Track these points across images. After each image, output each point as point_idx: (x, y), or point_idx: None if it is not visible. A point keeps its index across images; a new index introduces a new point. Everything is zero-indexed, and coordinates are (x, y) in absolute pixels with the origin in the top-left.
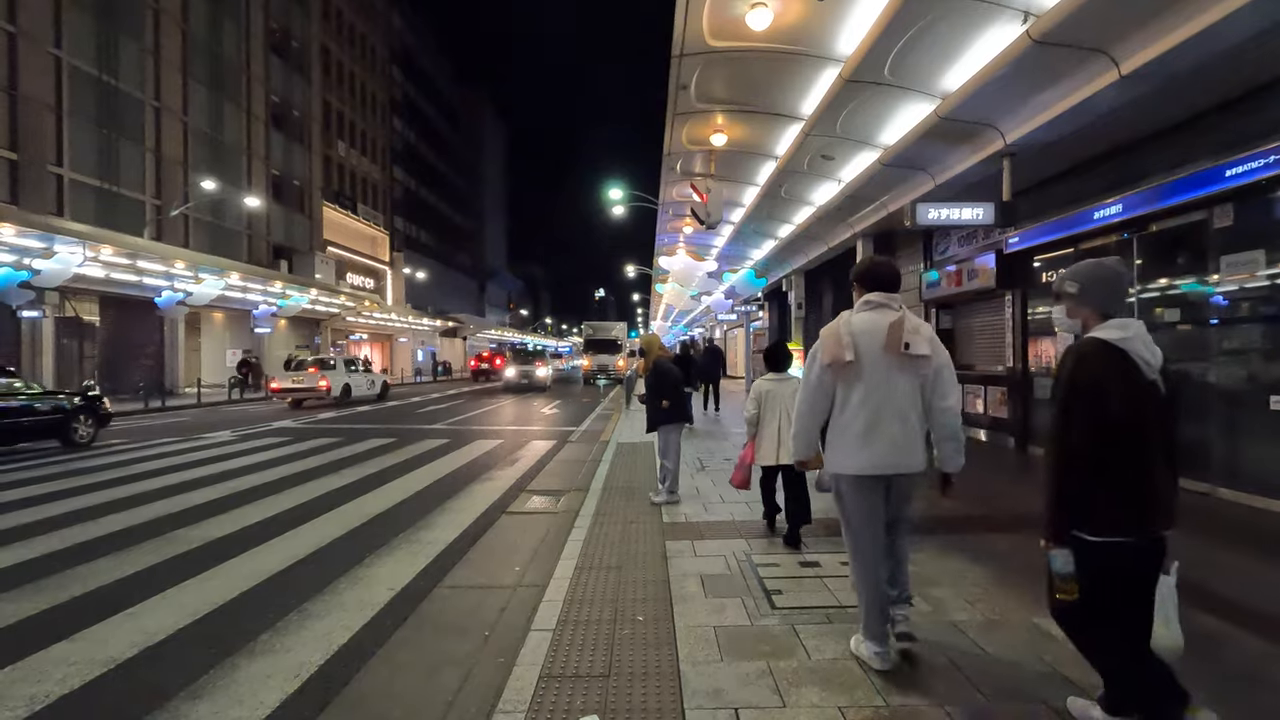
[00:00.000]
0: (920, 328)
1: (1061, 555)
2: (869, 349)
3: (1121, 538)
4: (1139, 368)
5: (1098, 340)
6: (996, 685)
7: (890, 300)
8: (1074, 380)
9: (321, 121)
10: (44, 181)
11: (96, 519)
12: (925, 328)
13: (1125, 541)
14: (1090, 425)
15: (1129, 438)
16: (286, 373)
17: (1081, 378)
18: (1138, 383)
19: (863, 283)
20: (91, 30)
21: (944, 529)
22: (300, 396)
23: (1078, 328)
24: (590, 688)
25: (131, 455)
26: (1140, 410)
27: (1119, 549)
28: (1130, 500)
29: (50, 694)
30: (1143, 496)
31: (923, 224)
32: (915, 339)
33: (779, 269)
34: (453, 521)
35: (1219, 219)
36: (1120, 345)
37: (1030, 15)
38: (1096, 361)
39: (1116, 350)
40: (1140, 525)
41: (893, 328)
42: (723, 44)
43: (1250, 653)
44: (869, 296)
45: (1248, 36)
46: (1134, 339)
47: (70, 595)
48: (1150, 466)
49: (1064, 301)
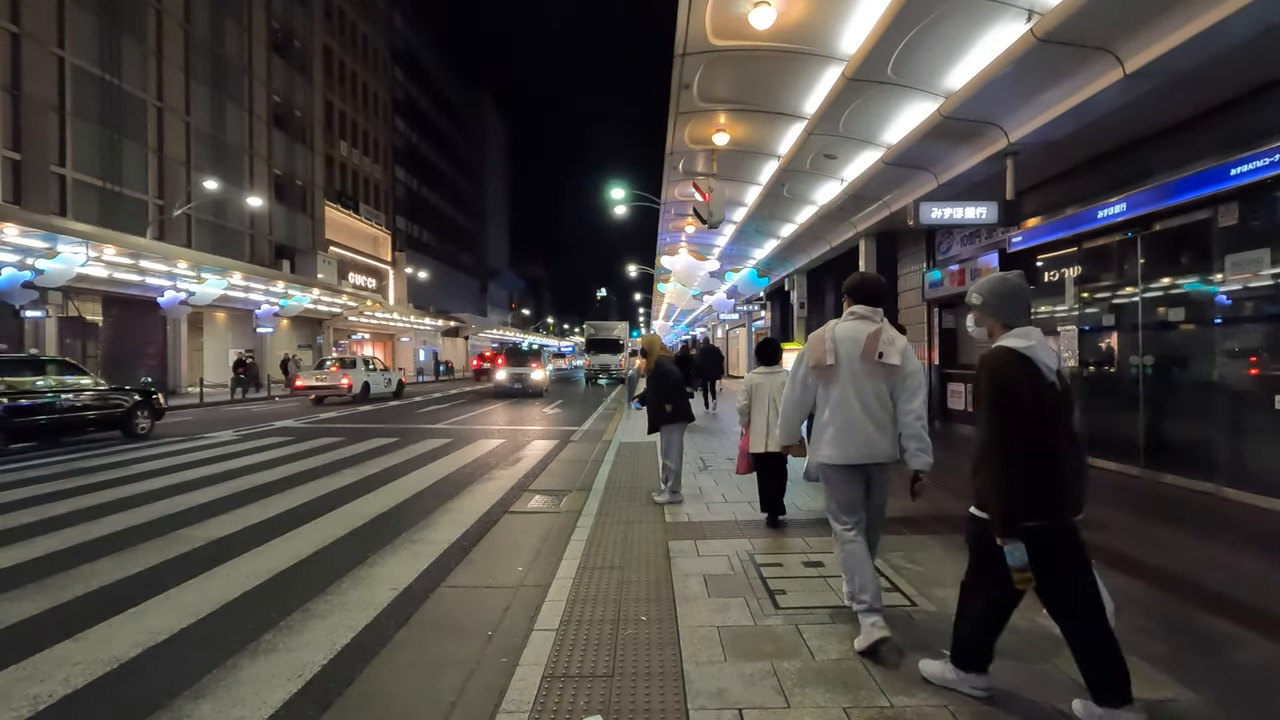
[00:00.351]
0: (895, 339)
1: (1018, 548)
2: (848, 355)
3: (1043, 523)
4: (1041, 372)
5: (1005, 349)
6: (1001, 685)
7: (873, 314)
8: (987, 386)
9: (323, 121)
10: (47, 181)
11: (99, 518)
12: (900, 339)
13: (1045, 526)
14: (1005, 424)
15: (1040, 434)
16: (311, 371)
17: (997, 383)
18: (1042, 385)
19: (852, 295)
20: (94, 30)
21: (947, 528)
22: (323, 393)
23: (984, 334)
24: (594, 688)
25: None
26: (1046, 409)
27: (1042, 532)
28: (1047, 490)
29: (54, 694)
30: (1056, 486)
31: (926, 223)
32: (889, 349)
33: (781, 268)
34: (455, 521)
35: (1223, 218)
36: (1025, 353)
37: (1034, 13)
38: (1007, 368)
39: (1022, 357)
40: (1057, 511)
41: (870, 338)
42: (725, 43)
43: (1260, 654)
44: (854, 308)
45: (1253, 35)
46: (1036, 347)
47: (73, 594)
48: (1059, 459)
49: (972, 312)
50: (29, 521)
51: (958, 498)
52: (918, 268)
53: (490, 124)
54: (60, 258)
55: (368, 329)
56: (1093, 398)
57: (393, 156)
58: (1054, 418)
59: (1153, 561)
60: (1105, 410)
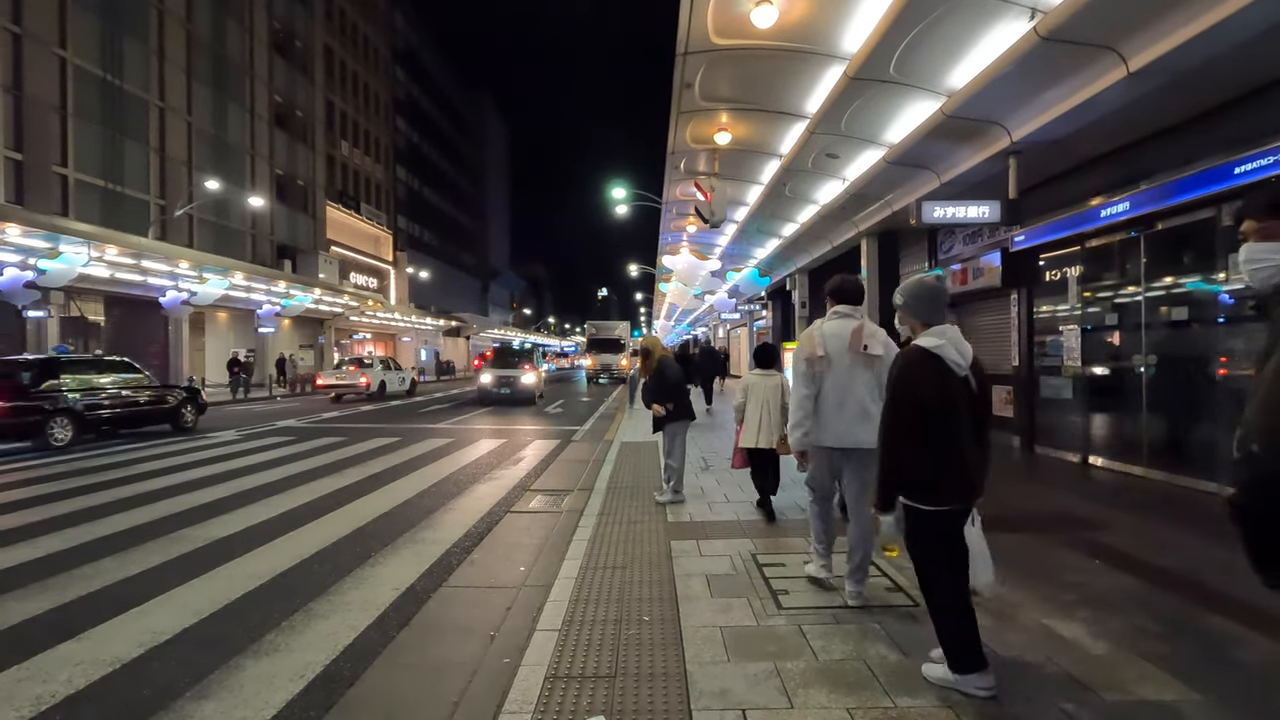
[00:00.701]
0: (876, 333)
1: (888, 520)
2: (836, 348)
3: (948, 507)
4: (951, 369)
5: (918, 347)
6: (1005, 686)
7: (854, 311)
8: (901, 380)
9: (325, 121)
10: (49, 181)
11: (102, 518)
12: (880, 333)
13: (949, 509)
14: (916, 415)
15: (946, 426)
16: (331, 371)
17: (907, 378)
18: (951, 381)
19: (834, 296)
20: (96, 30)
21: None
22: (342, 391)
23: (908, 331)
24: (596, 688)
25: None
26: (953, 403)
27: (945, 515)
28: (952, 477)
29: (56, 694)
30: (960, 474)
31: (928, 222)
32: (872, 341)
33: (783, 268)
34: (457, 521)
35: (1227, 217)
36: (935, 351)
37: (1038, 12)
38: (918, 365)
39: (932, 355)
40: (961, 496)
41: (854, 333)
42: (727, 42)
43: (1262, 654)
44: (837, 308)
45: (1257, 32)
46: (946, 345)
47: (76, 594)
48: (964, 449)
49: (897, 311)
50: (32, 521)
51: None
52: (920, 267)
53: (491, 123)
54: (62, 258)
55: (369, 329)
56: (1095, 397)
57: (394, 156)
58: (959, 411)
59: (1156, 561)
60: (1108, 409)
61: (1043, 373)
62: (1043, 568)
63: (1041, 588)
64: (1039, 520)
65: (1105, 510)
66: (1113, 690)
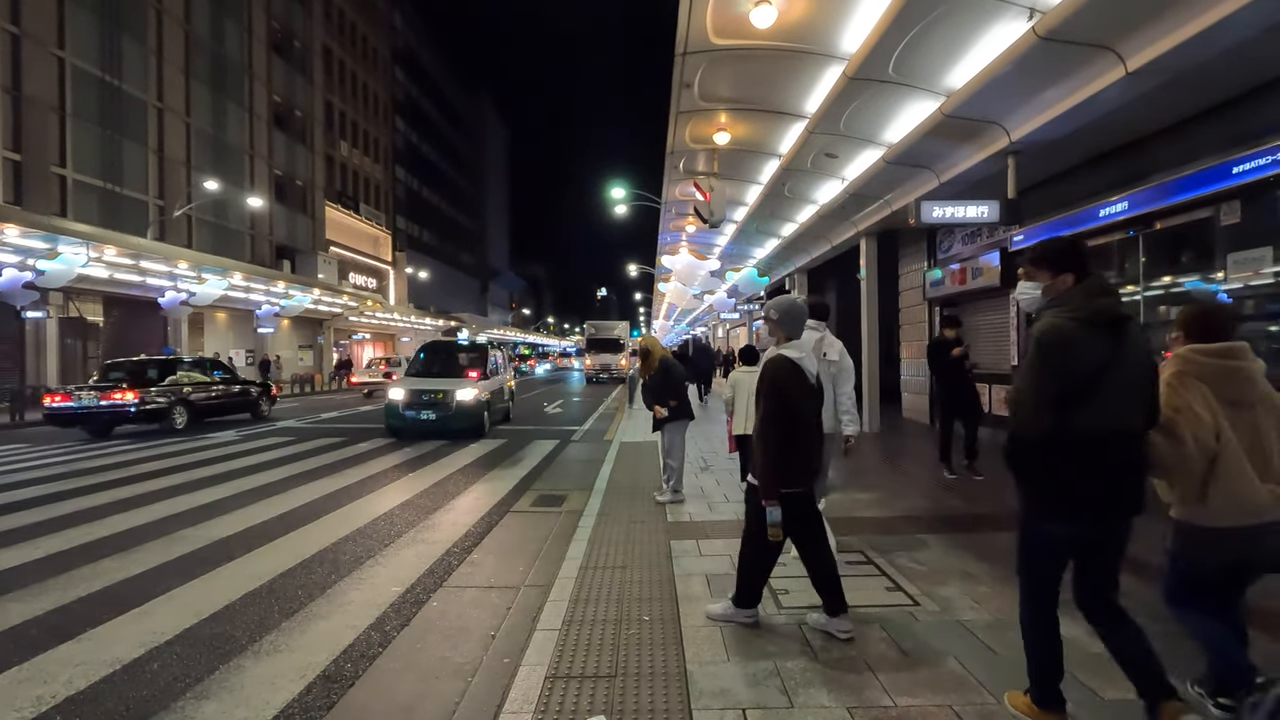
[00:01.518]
0: (834, 343)
1: (776, 509)
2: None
3: (802, 488)
4: (807, 376)
5: (783, 357)
6: (1005, 686)
7: (819, 326)
8: (771, 385)
9: (324, 122)
10: (47, 182)
11: (102, 518)
12: (837, 343)
13: (802, 491)
14: (781, 414)
15: (804, 423)
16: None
17: (777, 384)
18: (807, 386)
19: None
20: (94, 31)
21: (950, 528)
22: (374, 388)
23: (773, 342)
24: (597, 688)
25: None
26: (809, 404)
27: (800, 496)
28: (806, 464)
29: (57, 695)
30: (812, 461)
31: (927, 222)
32: (830, 349)
33: (782, 268)
34: (457, 521)
35: (1225, 216)
36: (797, 362)
37: (1036, 12)
38: (785, 373)
39: (795, 364)
40: (810, 478)
41: (817, 342)
42: (726, 42)
43: (1260, 652)
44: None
45: (1256, 32)
46: (805, 358)
47: (77, 595)
48: (815, 442)
49: (767, 324)
50: (33, 522)
51: (965, 499)
52: (919, 267)
53: (490, 124)
54: (61, 258)
55: (368, 329)
56: None
57: (393, 156)
58: (811, 410)
59: (1155, 561)
60: None
61: None
62: None
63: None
64: None
65: None
66: (1113, 689)
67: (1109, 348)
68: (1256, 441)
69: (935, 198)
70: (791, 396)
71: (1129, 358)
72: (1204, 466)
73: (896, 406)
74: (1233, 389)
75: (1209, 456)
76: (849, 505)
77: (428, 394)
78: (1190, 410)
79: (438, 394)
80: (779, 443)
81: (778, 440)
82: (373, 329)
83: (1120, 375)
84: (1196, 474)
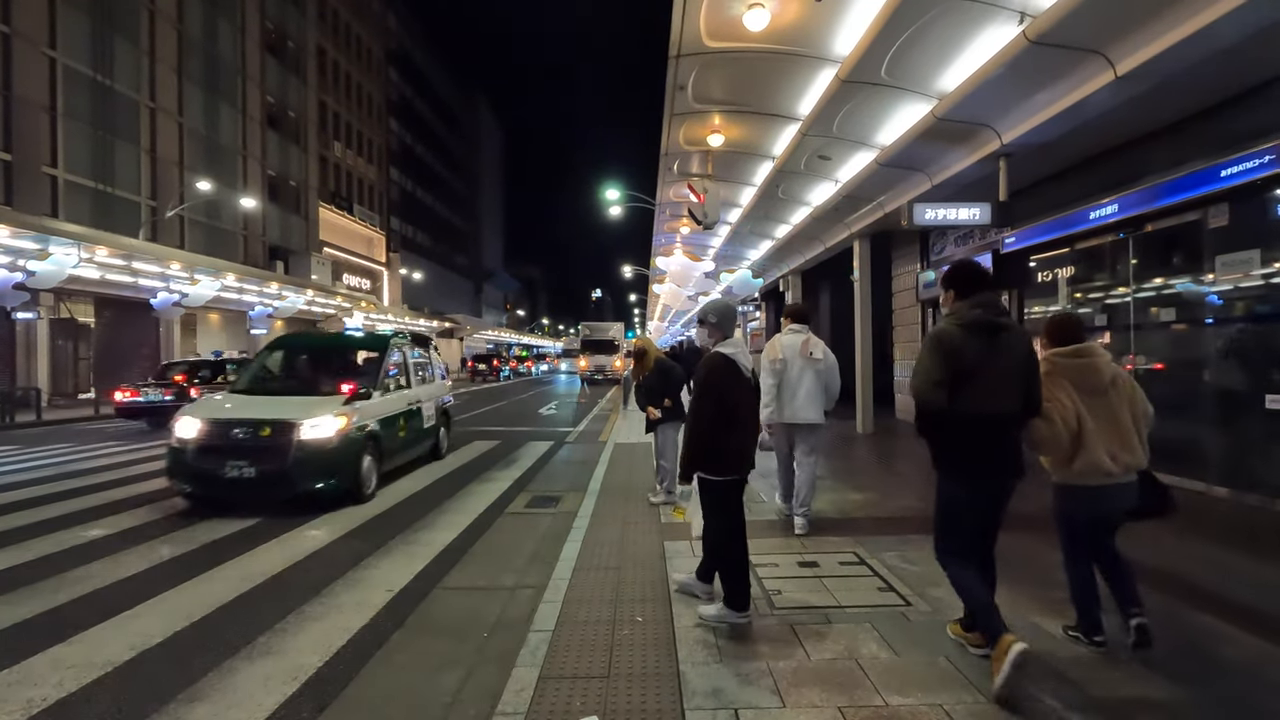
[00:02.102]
0: (818, 344)
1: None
2: (791, 355)
3: (736, 476)
4: (742, 372)
5: (720, 354)
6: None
7: (803, 329)
8: (709, 380)
9: (318, 122)
10: (38, 183)
11: (93, 520)
12: (821, 344)
13: (737, 479)
14: (719, 408)
15: (738, 416)
16: None
17: (714, 379)
18: (742, 381)
19: (791, 317)
20: (86, 31)
21: None
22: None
23: (711, 341)
24: (590, 689)
25: None
26: (743, 398)
27: (734, 483)
28: (737, 454)
29: (47, 698)
30: (745, 451)
31: (920, 224)
32: (815, 349)
33: (776, 269)
34: (451, 522)
35: (1214, 219)
36: (732, 358)
37: (1026, 16)
38: (719, 368)
39: (731, 361)
40: (744, 468)
41: (804, 344)
42: (720, 45)
43: (1249, 652)
44: (792, 325)
45: (1243, 37)
46: (739, 354)
47: (67, 597)
48: (747, 434)
49: (705, 326)
50: (22, 524)
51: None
52: (912, 268)
53: (485, 125)
54: (52, 259)
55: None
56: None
57: (387, 157)
58: (747, 403)
59: (1144, 561)
60: None
61: None
62: (1033, 567)
63: (1031, 586)
64: (1030, 520)
65: None
66: (1101, 687)
67: (983, 347)
68: (1112, 418)
69: (928, 200)
70: (729, 390)
71: (1002, 356)
72: (1070, 441)
73: (890, 407)
74: (1087, 380)
75: (1073, 434)
76: (842, 506)
77: (219, 438)
78: (1057, 400)
79: (261, 429)
80: (713, 433)
81: (712, 431)
82: (366, 330)
83: (995, 369)
84: (1065, 447)
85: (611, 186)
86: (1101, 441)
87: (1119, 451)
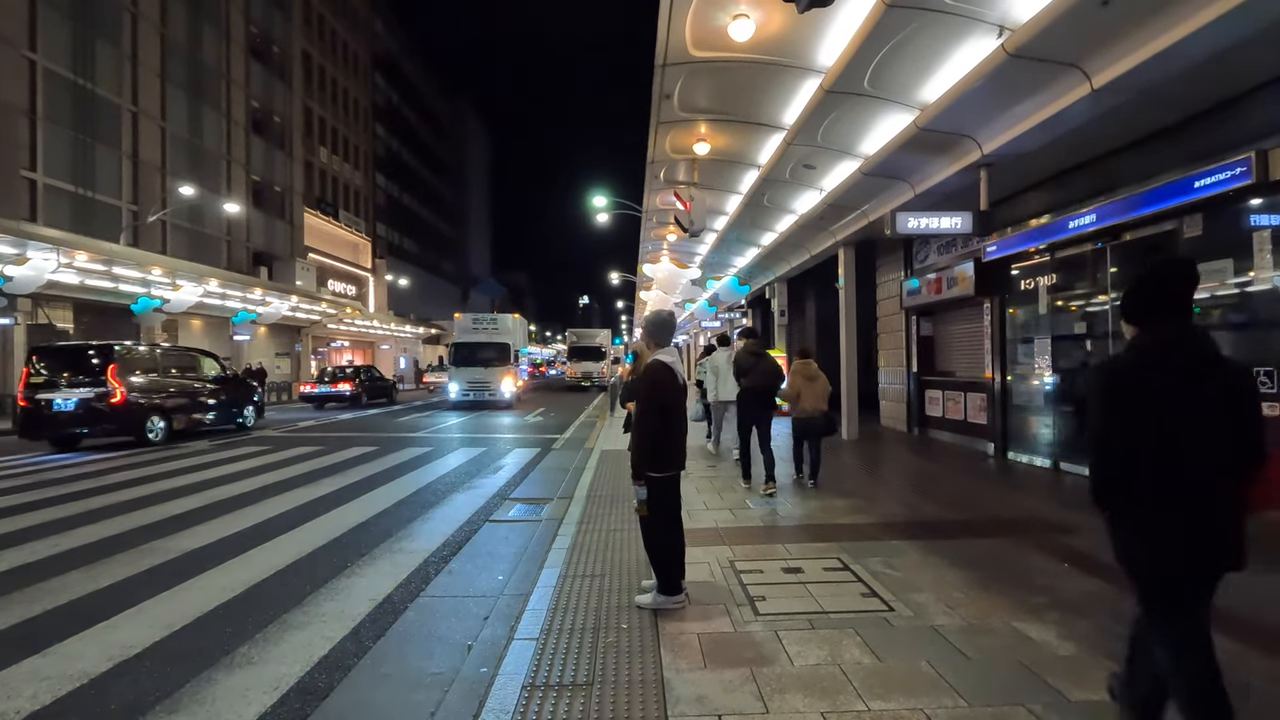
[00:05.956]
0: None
1: (643, 489)
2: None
3: (673, 472)
4: (677, 375)
5: (659, 361)
6: (976, 689)
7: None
8: (655, 386)
9: (303, 127)
10: (17, 186)
11: (69, 530)
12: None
13: (674, 474)
14: (659, 410)
15: (676, 417)
16: None
17: (655, 383)
18: (678, 386)
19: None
20: (67, 34)
21: (925, 533)
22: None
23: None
24: (574, 697)
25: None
26: (677, 401)
27: (671, 479)
28: (677, 451)
29: (21, 710)
30: (681, 448)
31: (903, 232)
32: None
33: (762, 276)
34: (435, 530)
35: (1189, 229)
36: (669, 365)
37: (1005, 29)
38: (661, 374)
39: (668, 367)
40: (680, 465)
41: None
42: (705, 54)
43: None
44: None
45: (1211, 54)
46: (674, 362)
47: (43, 608)
48: (683, 432)
49: (643, 336)
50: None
51: (939, 505)
52: (895, 276)
53: (472, 131)
54: (30, 264)
55: (347, 336)
56: (1066, 404)
57: (373, 163)
58: (679, 406)
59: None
60: (1076, 416)
61: (1015, 380)
62: (1013, 571)
63: (1012, 591)
64: (1011, 525)
65: (1075, 515)
66: (1080, 690)
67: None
68: (814, 391)
69: (910, 209)
70: (667, 393)
71: (759, 368)
72: (795, 398)
73: (874, 414)
74: (807, 374)
75: (797, 395)
76: (826, 512)
77: None
78: (793, 383)
79: None
80: (655, 432)
81: (654, 430)
82: (351, 336)
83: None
84: (794, 400)
85: (599, 193)
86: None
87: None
